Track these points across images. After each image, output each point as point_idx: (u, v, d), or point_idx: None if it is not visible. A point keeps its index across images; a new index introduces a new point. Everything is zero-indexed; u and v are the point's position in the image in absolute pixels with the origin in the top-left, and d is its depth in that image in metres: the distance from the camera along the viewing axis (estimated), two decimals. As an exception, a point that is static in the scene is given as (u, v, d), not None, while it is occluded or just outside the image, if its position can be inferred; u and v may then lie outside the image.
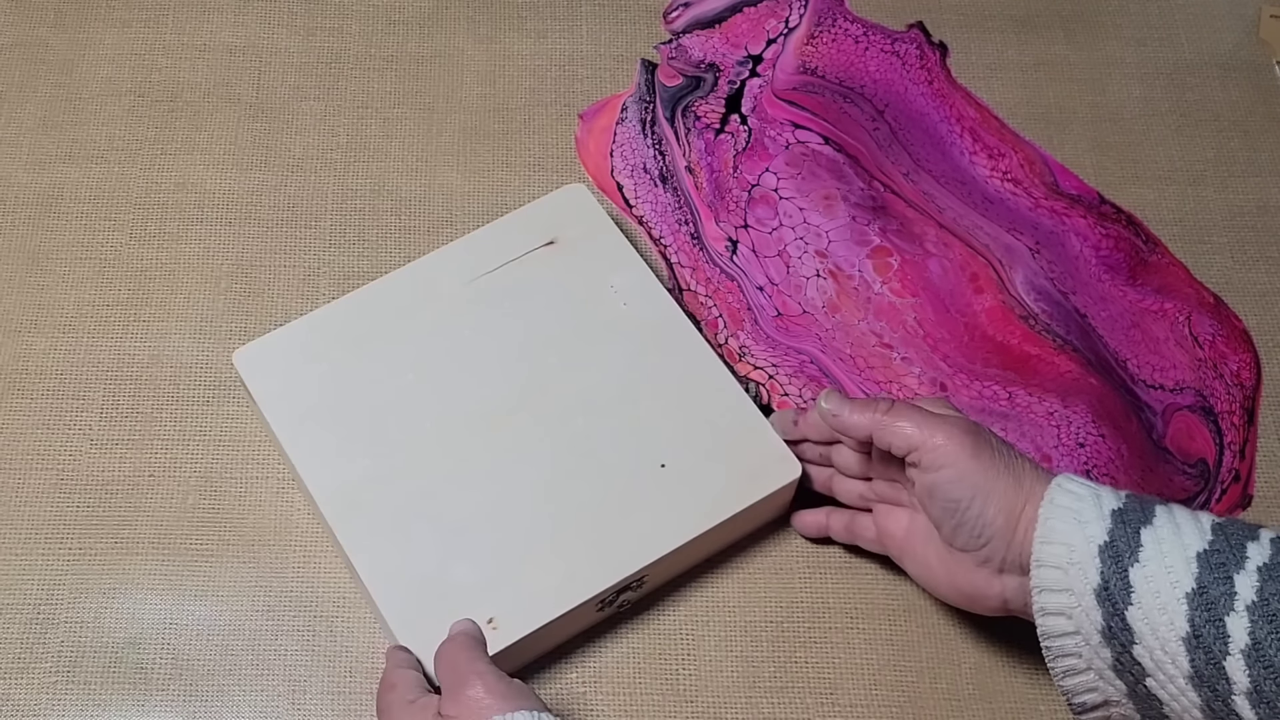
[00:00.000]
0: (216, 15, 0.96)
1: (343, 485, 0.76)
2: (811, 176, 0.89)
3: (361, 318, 0.81)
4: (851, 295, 0.86)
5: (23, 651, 0.76)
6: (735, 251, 0.87)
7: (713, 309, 0.86)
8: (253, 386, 0.78)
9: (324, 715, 0.75)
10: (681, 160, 0.90)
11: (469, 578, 0.74)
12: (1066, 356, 0.84)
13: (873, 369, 0.84)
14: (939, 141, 0.91)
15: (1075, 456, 0.80)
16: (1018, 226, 0.88)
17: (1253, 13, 1.01)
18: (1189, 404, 0.83)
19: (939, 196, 0.89)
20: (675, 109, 0.92)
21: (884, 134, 0.91)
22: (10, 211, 0.88)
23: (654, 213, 0.89)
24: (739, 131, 0.91)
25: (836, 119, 0.92)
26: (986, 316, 0.85)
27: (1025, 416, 0.82)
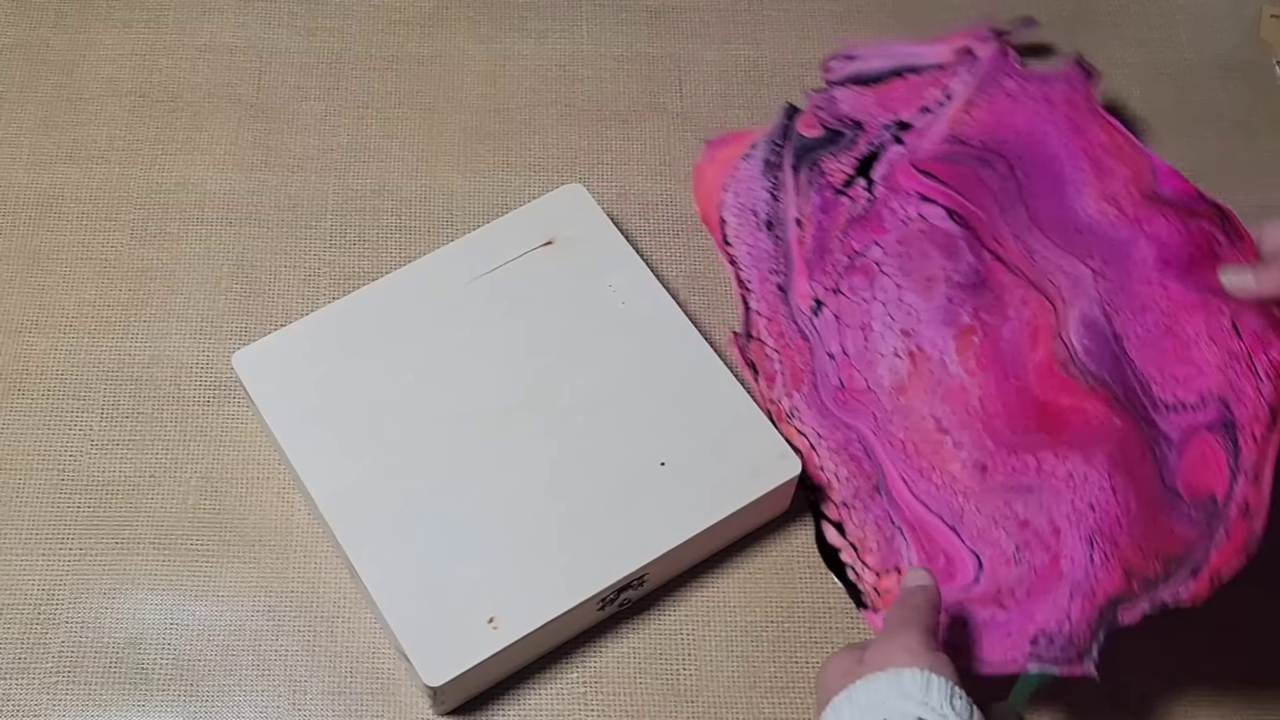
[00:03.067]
0: (216, 15, 0.96)
1: (342, 486, 0.76)
2: (920, 257, 0.86)
3: (361, 319, 0.81)
4: (924, 378, 0.83)
5: (23, 651, 0.76)
6: (818, 313, 0.85)
7: (776, 363, 0.84)
8: (252, 389, 0.78)
9: (324, 715, 0.75)
10: (793, 210, 0.88)
11: (469, 577, 0.74)
12: (1095, 398, 0.80)
13: (920, 454, 0.81)
14: (1061, 184, 0.86)
15: (1084, 522, 0.77)
16: (1094, 249, 0.83)
17: (1253, 13, 1.01)
18: (1209, 422, 0.76)
19: (1039, 248, 0.84)
20: (803, 159, 0.90)
21: (1010, 192, 0.86)
22: (10, 211, 0.88)
23: (749, 256, 0.87)
24: (860, 197, 0.88)
25: (969, 189, 0.87)
26: (1035, 374, 0.82)
27: (1048, 484, 0.79)
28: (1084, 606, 0.73)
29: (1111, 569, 0.74)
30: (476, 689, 0.75)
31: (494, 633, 0.72)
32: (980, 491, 0.80)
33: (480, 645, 0.72)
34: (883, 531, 0.79)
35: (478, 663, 0.72)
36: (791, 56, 0.97)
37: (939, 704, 0.62)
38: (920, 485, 0.81)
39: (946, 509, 0.80)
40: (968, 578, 0.78)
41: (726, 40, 0.98)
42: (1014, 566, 0.77)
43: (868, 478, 0.81)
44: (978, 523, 0.79)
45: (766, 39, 0.98)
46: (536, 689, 0.76)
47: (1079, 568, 0.75)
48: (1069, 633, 0.73)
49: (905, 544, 0.79)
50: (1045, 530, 0.78)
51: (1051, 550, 0.77)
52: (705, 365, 0.80)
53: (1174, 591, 0.69)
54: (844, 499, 0.80)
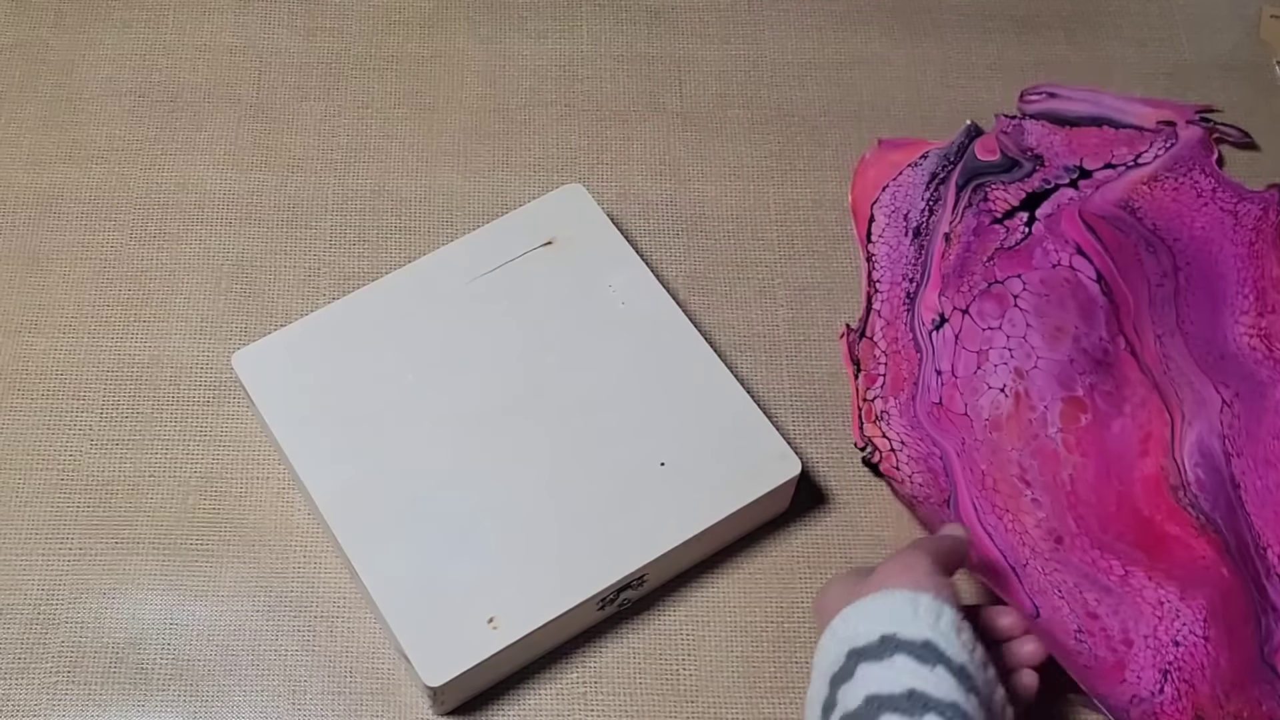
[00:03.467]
0: (216, 15, 0.96)
1: (342, 486, 0.76)
2: (1059, 305, 0.83)
3: (360, 319, 0.81)
4: (1022, 425, 0.80)
5: (23, 651, 0.76)
6: (939, 328, 0.84)
7: (882, 366, 0.83)
8: (252, 390, 0.78)
9: (324, 715, 0.75)
10: (945, 226, 0.87)
11: (469, 577, 0.74)
12: (1206, 540, 0.77)
13: (998, 491, 0.79)
14: (1218, 305, 0.84)
15: (1163, 653, 0.74)
16: (1229, 378, 0.81)
17: (1253, 13, 1.01)
18: None
19: (1176, 359, 0.82)
20: (971, 180, 0.88)
21: (1165, 293, 0.84)
22: (10, 211, 0.88)
23: (887, 257, 0.86)
24: (1016, 230, 0.86)
25: (1126, 263, 0.85)
26: (1141, 485, 0.79)
27: (1130, 599, 0.75)
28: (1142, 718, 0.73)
29: (1182, 708, 0.72)
30: (476, 689, 0.75)
31: (494, 633, 0.72)
32: (1050, 558, 0.77)
33: (480, 645, 0.72)
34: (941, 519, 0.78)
35: (478, 663, 0.72)
36: (791, 56, 0.97)
37: (948, 631, 0.62)
38: (989, 518, 0.78)
39: (1012, 552, 0.77)
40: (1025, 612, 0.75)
41: (726, 40, 0.98)
42: (1073, 641, 0.75)
43: (940, 490, 0.79)
44: (1039, 581, 0.76)
45: (766, 39, 0.98)
46: (536, 689, 0.76)
47: (1145, 687, 0.73)
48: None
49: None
50: (1115, 636, 0.75)
51: (1118, 656, 0.74)
52: (705, 365, 0.80)
53: None
54: (911, 497, 0.80)
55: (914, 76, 0.97)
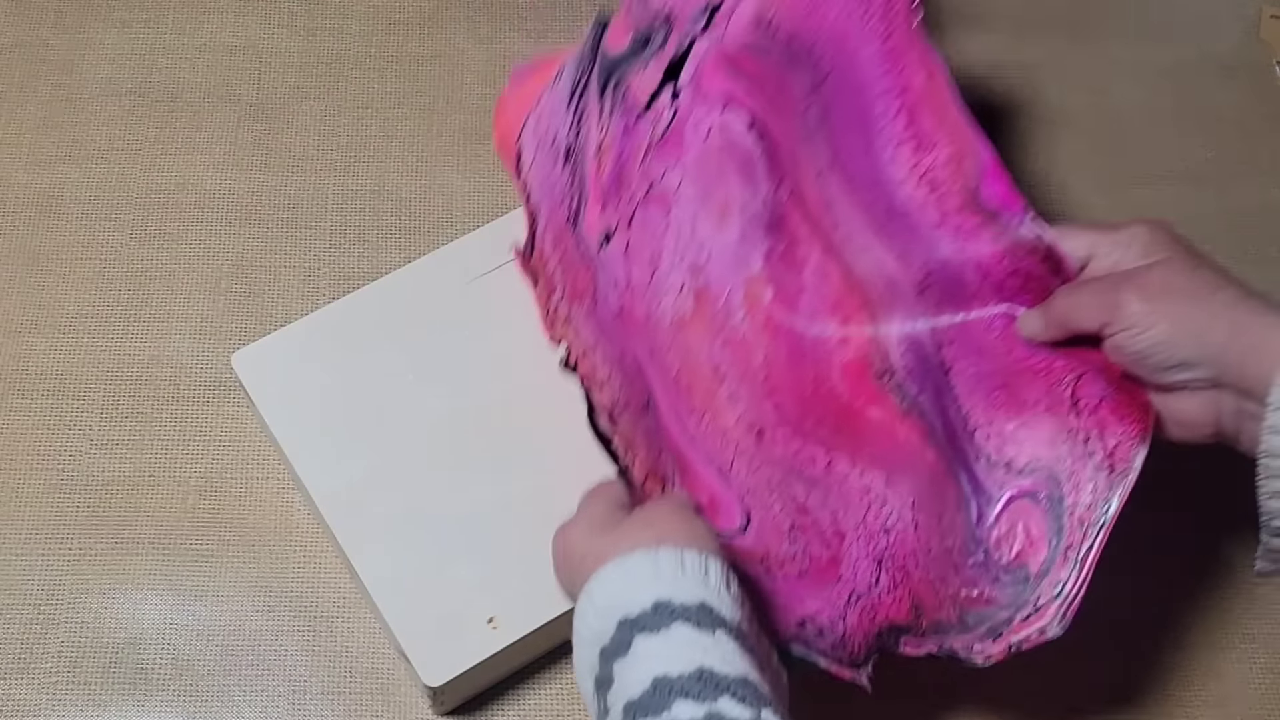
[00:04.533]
0: (216, 15, 0.96)
1: (342, 486, 0.76)
2: (718, 179, 0.77)
3: (361, 319, 0.81)
4: (707, 321, 0.76)
5: (23, 651, 0.76)
6: (607, 244, 0.79)
7: (556, 277, 0.80)
8: (252, 390, 0.78)
9: (324, 715, 0.75)
10: (595, 138, 0.80)
11: (469, 577, 0.74)
12: (909, 424, 0.74)
13: (692, 393, 0.75)
14: (868, 124, 0.75)
15: (875, 541, 0.72)
16: (911, 249, 0.75)
17: (1253, 13, 1.01)
18: (1034, 490, 0.71)
19: (840, 207, 0.76)
20: (609, 81, 0.81)
21: (814, 116, 0.76)
22: (10, 211, 0.88)
23: (541, 186, 0.81)
24: (662, 114, 0.79)
25: (773, 94, 0.77)
26: (842, 372, 0.75)
27: (837, 488, 0.73)
28: (862, 620, 0.70)
29: (899, 597, 0.70)
30: (476, 689, 0.75)
31: (494, 633, 0.72)
32: (754, 454, 0.74)
33: (480, 645, 0.72)
34: (650, 446, 0.75)
35: (477, 663, 0.72)
36: (791, 56, 0.97)
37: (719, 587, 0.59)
38: (689, 421, 0.75)
39: (715, 452, 0.74)
40: (732, 524, 0.73)
41: (726, 40, 0.97)
42: (786, 543, 0.72)
43: (639, 392, 0.76)
44: (748, 479, 0.74)
45: None
46: (537, 689, 0.76)
47: (861, 581, 0.71)
48: (843, 634, 0.70)
49: (672, 468, 0.74)
50: (827, 529, 0.73)
51: (832, 550, 0.72)
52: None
53: (967, 645, 0.68)
54: (614, 403, 0.76)
55: (914, 76, 0.97)
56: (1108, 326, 0.67)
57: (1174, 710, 0.78)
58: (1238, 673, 0.79)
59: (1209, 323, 0.64)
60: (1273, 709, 0.79)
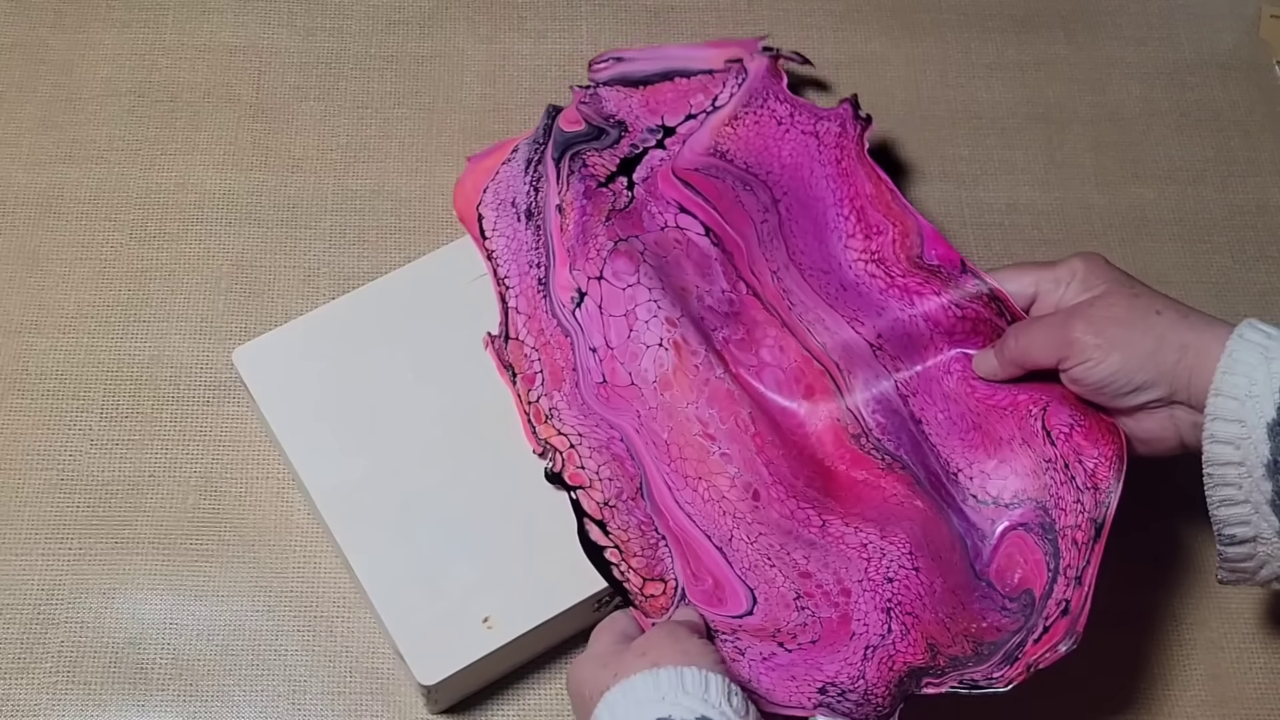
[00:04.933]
0: (216, 15, 0.96)
1: (340, 484, 0.76)
2: (675, 267, 0.81)
3: (361, 317, 0.81)
4: (689, 374, 0.77)
5: (23, 651, 0.76)
6: (580, 304, 0.80)
7: (535, 363, 0.79)
8: (252, 385, 0.78)
9: (324, 715, 0.75)
10: (555, 198, 0.82)
11: (466, 576, 0.74)
12: (894, 477, 0.77)
13: (685, 460, 0.76)
14: (822, 229, 0.83)
15: (880, 592, 0.73)
16: (861, 315, 0.80)
17: (1253, 13, 1.01)
18: (1025, 521, 0.75)
19: (796, 291, 0.81)
20: (565, 151, 0.84)
21: (770, 227, 0.83)
22: (10, 211, 0.88)
23: (507, 249, 0.82)
24: (621, 193, 0.83)
25: (728, 209, 0.83)
26: (817, 439, 0.78)
27: (835, 547, 0.74)
28: (881, 670, 0.71)
29: (913, 641, 0.72)
30: (471, 688, 0.75)
31: (489, 632, 0.72)
32: (752, 520, 0.75)
33: (475, 645, 0.72)
34: (646, 537, 0.74)
35: (472, 662, 0.72)
36: (791, 56, 0.97)
37: (719, 701, 0.61)
38: (685, 494, 0.76)
39: (714, 528, 0.75)
40: (740, 608, 0.73)
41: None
42: (794, 612, 0.73)
43: (630, 479, 0.76)
44: (748, 555, 0.74)
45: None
46: (532, 689, 0.76)
47: (874, 632, 0.72)
48: (864, 690, 0.70)
49: (670, 556, 0.74)
50: (832, 589, 0.74)
51: (840, 609, 0.73)
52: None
53: (987, 674, 0.70)
54: (606, 499, 0.75)
55: (913, 76, 0.97)
56: (1064, 361, 0.71)
57: (1174, 710, 0.78)
58: (1238, 673, 0.79)
59: (1157, 346, 0.69)
60: (1273, 709, 0.79)
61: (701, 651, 0.65)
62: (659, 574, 0.74)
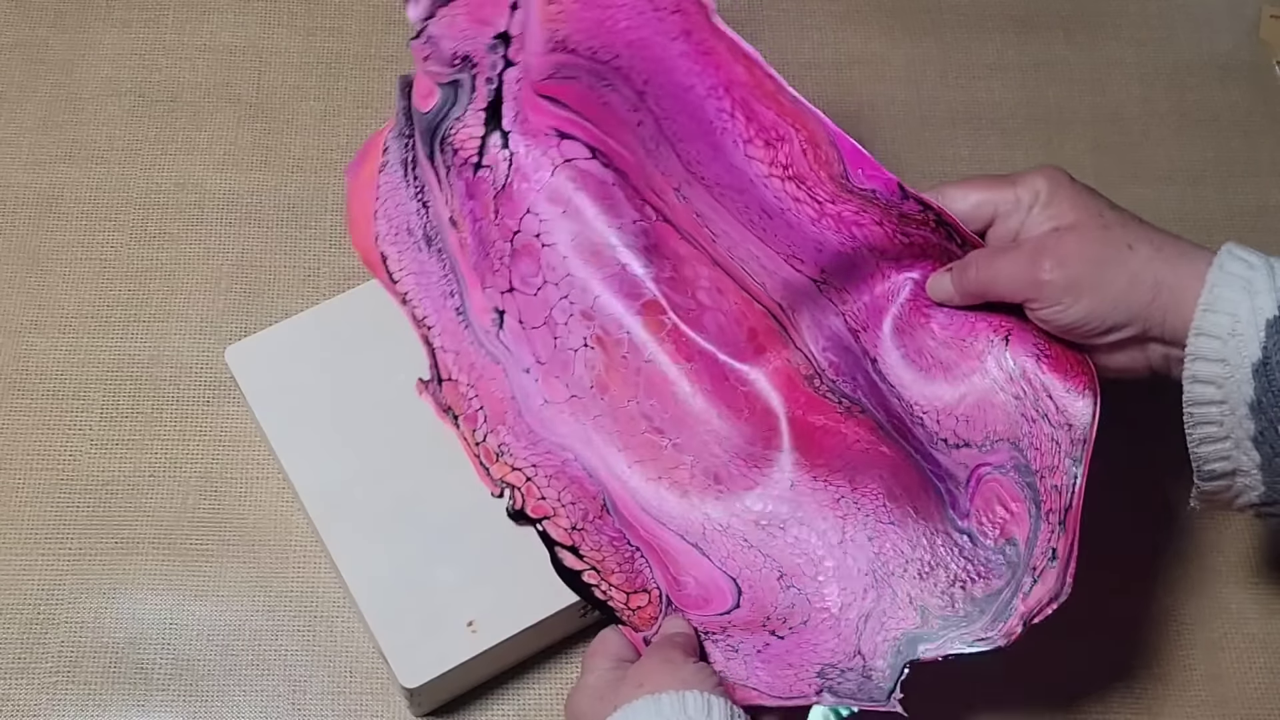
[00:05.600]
0: (216, 15, 0.96)
1: (329, 483, 0.76)
2: (577, 214, 0.74)
3: (355, 317, 0.80)
4: (621, 368, 0.74)
5: (23, 651, 0.76)
6: (502, 325, 0.76)
7: (474, 401, 0.76)
8: (243, 384, 0.78)
9: (324, 715, 0.75)
10: (445, 210, 0.77)
11: (451, 579, 0.73)
12: (855, 422, 0.72)
13: (642, 463, 0.73)
14: (708, 128, 0.71)
15: (861, 553, 0.70)
16: (798, 250, 0.72)
17: (1253, 13, 1.01)
18: (1000, 463, 0.69)
19: (712, 218, 0.74)
20: (434, 141, 0.77)
21: (649, 130, 0.73)
22: (10, 211, 0.88)
23: (418, 286, 0.78)
24: (499, 162, 0.76)
25: (599, 116, 0.74)
26: (770, 385, 0.74)
27: (807, 508, 0.71)
28: (876, 641, 0.68)
29: (901, 604, 0.69)
30: (455, 691, 0.75)
31: (472, 636, 0.72)
32: (721, 507, 0.73)
33: (458, 648, 0.72)
34: (620, 552, 0.73)
35: (455, 666, 0.72)
36: (791, 56, 0.97)
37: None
38: (649, 499, 0.73)
39: (685, 525, 0.73)
40: (726, 604, 0.71)
41: (726, 40, 0.97)
42: (781, 593, 0.71)
43: (593, 498, 0.74)
44: (725, 543, 0.72)
45: (766, 39, 0.98)
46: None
47: (864, 600, 0.70)
48: (863, 665, 0.68)
49: (649, 566, 0.72)
50: (816, 555, 0.71)
51: (824, 578, 0.71)
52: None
53: (984, 631, 0.67)
54: (573, 523, 0.73)
55: (913, 76, 0.97)
56: (1031, 302, 0.67)
57: (1174, 711, 0.78)
58: (1238, 673, 0.79)
59: (1129, 286, 0.65)
60: (1273, 709, 0.79)
61: (699, 675, 0.64)
62: (641, 585, 0.72)
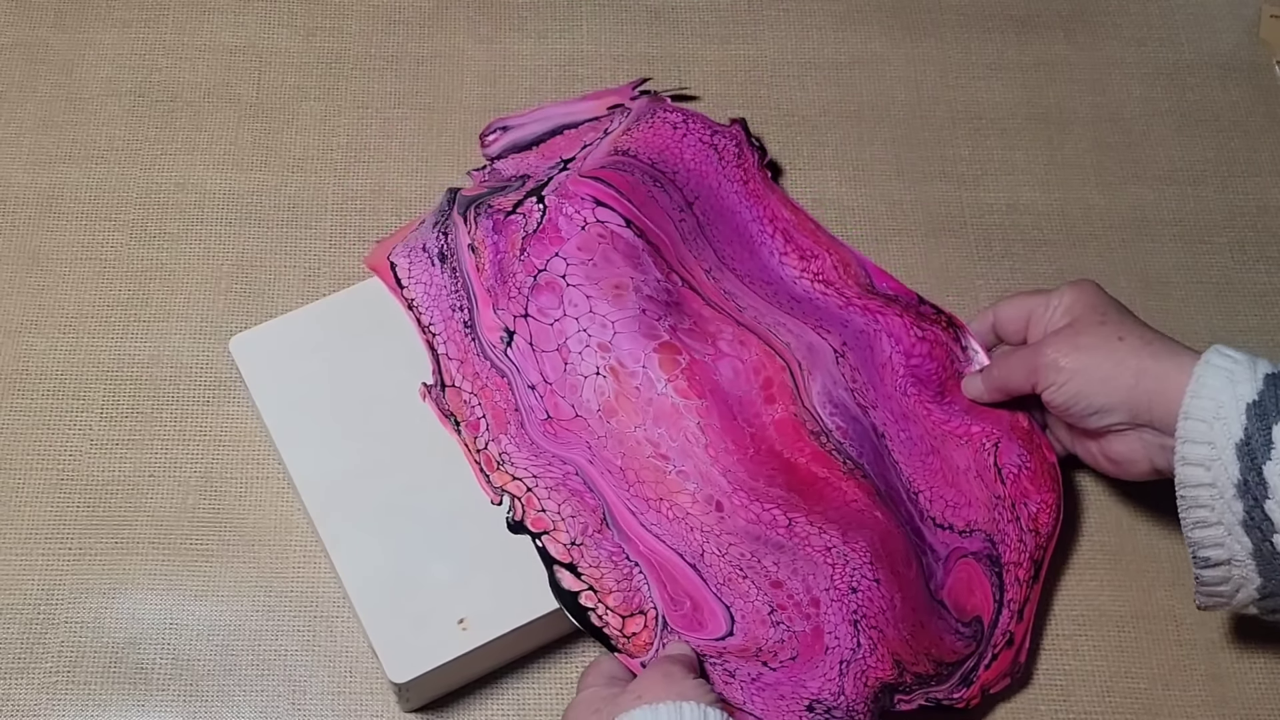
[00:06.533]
0: (216, 15, 0.96)
1: (327, 476, 0.76)
2: (605, 263, 0.78)
3: (361, 313, 0.81)
4: (631, 397, 0.76)
5: (23, 651, 0.76)
6: (510, 344, 0.78)
7: (477, 409, 0.77)
8: (247, 374, 0.78)
9: (324, 715, 0.75)
10: (465, 238, 0.81)
11: (444, 576, 0.74)
12: (855, 483, 0.77)
13: (643, 483, 0.75)
14: (748, 240, 0.83)
15: (845, 603, 0.73)
16: (826, 324, 0.80)
17: (1253, 13, 1.01)
18: (975, 550, 0.78)
19: (741, 295, 0.80)
20: (469, 207, 0.82)
21: (690, 226, 0.82)
22: (10, 211, 0.88)
23: (426, 295, 0.80)
24: (532, 212, 0.80)
25: (643, 202, 0.81)
26: (776, 429, 0.77)
27: (802, 550, 0.74)
28: (858, 685, 0.72)
29: (881, 656, 0.72)
30: (445, 688, 0.75)
31: (463, 634, 0.72)
32: (720, 531, 0.74)
33: (448, 645, 0.72)
34: (619, 569, 0.73)
35: (444, 662, 0.72)
36: (791, 56, 0.97)
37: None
38: (649, 516, 0.75)
39: (684, 544, 0.74)
40: (720, 630, 0.73)
41: (726, 40, 0.98)
42: (770, 628, 0.73)
43: (593, 511, 0.75)
44: (722, 568, 0.74)
45: (766, 39, 0.98)
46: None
47: (845, 646, 0.72)
48: (846, 707, 0.71)
49: (646, 583, 0.73)
50: (803, 599, 0.73)
51: (813, 621, 0.73)
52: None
53: (949, 693, 0.74)
54: (573, 538, 0.74)
55: (914, 76, 0.97)
56: (1036, 386, 0.76)
57: (1174, 710, 0.78)
58: (1238, 673, 0.79)
59: (1114, 371, 0.72)
60: (1273, 709, 0.79)
61: (698, 689, 0.65)
62: (638, 606, 0.73)
